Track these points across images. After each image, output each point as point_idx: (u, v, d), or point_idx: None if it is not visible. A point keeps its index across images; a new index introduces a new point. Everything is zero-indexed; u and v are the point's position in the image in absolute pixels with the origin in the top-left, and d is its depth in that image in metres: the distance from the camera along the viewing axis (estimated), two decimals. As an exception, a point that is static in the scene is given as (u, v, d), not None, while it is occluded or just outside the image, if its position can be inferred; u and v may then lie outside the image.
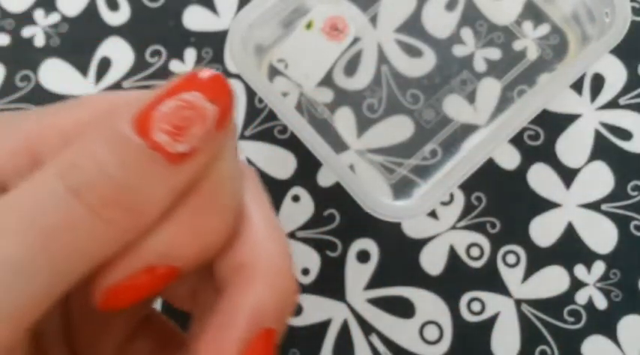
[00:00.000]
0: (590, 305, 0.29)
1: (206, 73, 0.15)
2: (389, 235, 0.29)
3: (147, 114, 0.14)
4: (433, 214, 0.30)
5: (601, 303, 0.29)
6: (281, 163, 0.30)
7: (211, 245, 0.16)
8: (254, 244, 0.16)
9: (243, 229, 0.16)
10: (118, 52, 0.31)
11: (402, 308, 0.29)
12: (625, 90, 0.31)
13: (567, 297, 0.29)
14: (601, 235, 0.29)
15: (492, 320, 0.29)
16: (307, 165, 0.30)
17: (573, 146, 0.30)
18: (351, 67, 0.30)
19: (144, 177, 0.14)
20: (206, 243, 0.15)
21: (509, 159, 0.30)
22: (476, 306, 0.29)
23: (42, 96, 0.31)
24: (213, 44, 0.31)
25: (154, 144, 0.14)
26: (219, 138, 0.15)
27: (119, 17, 0.32)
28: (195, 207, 0.15)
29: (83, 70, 0.31)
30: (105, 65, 0.31)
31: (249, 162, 0.30)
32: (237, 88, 0.31)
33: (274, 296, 0.16)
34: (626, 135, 0.30)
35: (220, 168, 0.15)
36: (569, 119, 0.31)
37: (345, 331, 0.29)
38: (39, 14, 0.32)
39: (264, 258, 0.16)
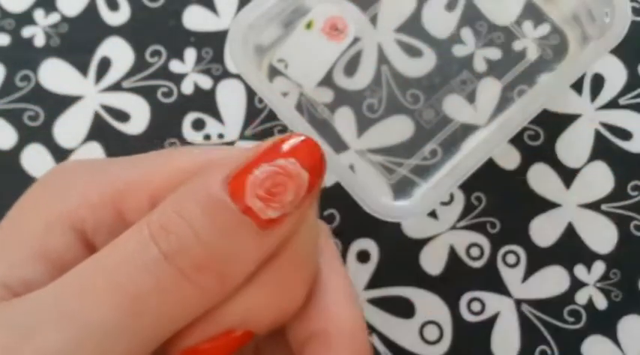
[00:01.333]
0: (590, 305, 0.29)
1: (299, 138, 0.15)
2: (389, 235, 0.29)
3: (242, 178, 0.14)
4: (433, 214, 0.30)
5: (601, 303, 0.29)
6: (281, 163, 0.30)
7: (289, 311, 0.16)
8: (329, 311, 0.16)
9: (318, 293, 0.16)
10: (118, 52, 0.31)
11: (402, 308, 0.29)
12: (625, 90, 0.31)
13: (567, 297, 0.29)
14: (601, 235, 0.29)
15: (492, 320, 0.29)
16: (307, 165, 0.30)
17: (573, 146, 0.30)
18: (351, 67, 0.30)
19: (235, 243, 0.14)
20: (285, 309, 0.15)
21: (509, 159, 0.30)
22: (476, 306, 0.29)
23: (42, 96, 0.31)
24: (213, 44, 0.31)
25: (246, 210, 0.14)
26: (307, 204, 0.15)
27: (119, 17, 0.32)
28: (278, 273, 0.15)
29: (83, 70, 0.31)
30: (105, 65, 0.31)
31: (249, 162, 0.30)
32: (237, 88, 0.31)
33: None
34: (626, 135, 0.30)
35: (304, 233, 0.15)
36: (569, 119, 0.31)
37: (345, 331, 0.29)
38: (39, 14, 0.32)
39: (341, 327, 0.16)
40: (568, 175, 0.30)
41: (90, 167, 0.17)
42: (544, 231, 0.29)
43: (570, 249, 0.29)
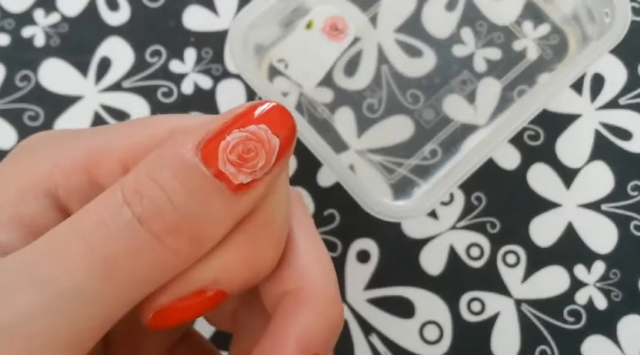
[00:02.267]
0: (590, 305, 0.29)
1: (270, 104, 0.15)
2: (389, 235, 0.29)
3: (214, 144, 0.14)
4: (433, 214, 0.30)
5: (601, 303, 0.29)
6: (281, 163, 0.30)
7: (260, 272, 0.16)
8: (301, 270, 0.16)
9: (289, 254, 0.17)
10: (118, 52, 0.31)
11: (402, 308, 0.29)
12: (625, 91, 0.31)
13: (567, 297, 0.29)
14: (601, 235, 0.29)
15: (492, 320, 0.29)
16: (307, 165, 0.30)
17: (573, 146, 0.30)
18: (351, 67, 0.30)
19: (208, 207, 0.14)
20: (256, 270, 0.16)
21: (509, 159, 0.30)
22: (476, 306, 0.29)
23: (42, 96, 0.31)
24: (213, 44, 0.31)
25: (219, 174, 0.14)
26: (278, 169, 0.15)
27: (119, 17, 0.32)
28: (249, 235, 0.15)
29: (83, 70, 0.31)
30: (105, 65, 0.31)
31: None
32: (237, 88, 0.31)
33: (321, 323, 0.16)
34: (626, 135, 0.31)
35: (274, 197, 0.16)
36: (569, 119, 0.31)
37: (345, 331, 0.29)
38: (39, 14, 0.32)
39: (311, 285, 0.16)
40: (568, 175, 0.30)
41: (62, 135, 0.17)
42: (544, 231, 0.29)
43: (570, 249, 0.29)
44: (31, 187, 0.16)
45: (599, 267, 0.29)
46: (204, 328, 0.27)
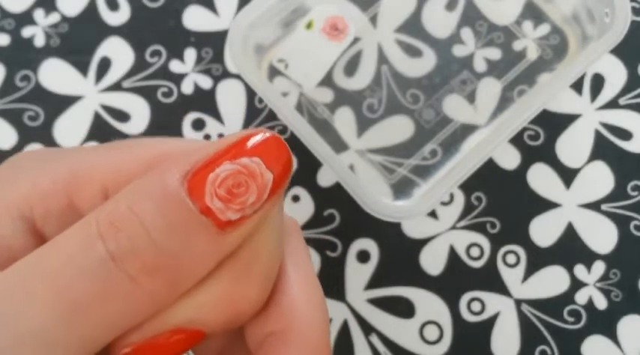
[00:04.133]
0: (590, 305, 0.29)
1: (265, 135, 0.14)
2: (389, 235, 0.29)
3: (202, 176, 0.13)
4: (433, 214, 0.30)
5: (601, 303, 0.29)
6: (281, 163, 0.30)
7: (243, 312, 0.15)
8: (289, 311, 0.15)
9: (278, 292, 0.15)
10: (118, 52, 0.31)
11: (402, 308, 0.29)
12: (625, 91, 0.31)
13: (567, 297, 0.29)
14: (601, 235, 0.29)
15: (492, 320, 0.29)
16: (307, 165, 0.30)
17: (573, 146, 0.30)
18: (351, 67, 0.30)
19: (191, 245, 0.13)
20: (238, 310, 0.14)
21: (509, 159, 0.30)
22: (476, 306, 0.29)
23: (42, 96, 0.31)
24: (213, 44, 0.31)
25: (206, 210, 0.13)
26: (269, 206, 0.14)
27: (119, 17, 0.32)
28: (231, 273, 0.14)
29: (83, 70, 0.31)
30: (105, 65, 0.31)
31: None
32: (237, 88, 0.31)
33: None
34: (626, 135, 0.30)
35: (264, 233, 0.14)
36: (569, 119, 0.31)
37: (345, 331, 0.29)
38: (39, 14, 0.32)
39: (298, 327, 0.15)
40: (568, 175, 0.30)
41: (44, 155, 0.16)
42: (544, 231, 0.29)
43: (570, 249, 0.29)
44: (6, 209, 0.15)
45: (599, 267, 0.29)
46: None
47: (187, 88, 0.31)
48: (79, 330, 0.13)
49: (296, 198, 0.30)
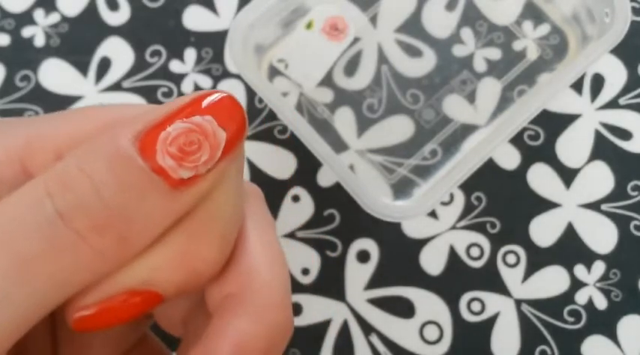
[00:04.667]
0: (590, 305, 0.29)
1: (220, 95, 0.14)
2: (389, 235, 0.29)
3: (153, 135, 0.13)
4: (433, 214, 0.30)
5: (601, 303, 0.29)
6: (281, 163, 0.30)
7: (201, 273, 0.14)
8: (247, 272, 0.15)
9: (239, 255, 0.15)
10: (118, 52, 0.31)
11: (402, 308, 0.29)
12: (625, 91, 0.31)
13: (567, 297, 0.29)
14: (601, 235, 0.29)
15: (492, 320, 0.29)
16: (307, 165, 0.30)
17: (573, 146, 0.30)
18: (351, 67, 0.30)
19: (142, 203, 0.13)
20: (195, 271, 0.14)
21: (509, 159, 0.30)
22: (476, 306, 0.29)
23: (42, 96, 0.31)
24: (213, 44, 0.31)
25: (157, 168, 0.13)
26: (224, 165, 0.14)
27: (119, 17, 0.32)
28: (187, 233, 0.14)
29: (83, 70, 0.31)
30: (105, 65, 0.31)
31: (249, 162, 0.30)
32: (237, 88, 0.31)
33: (262, 329, 0.14)
34: (626, 135, 0.31)
35: (220, 193, 0.14)
36: (569, 119, 0.31)
37: (345, 331, 0.29)
38: (39, 14, 0.32)
39: (255, 288, 0.15)
40: (568, 175, 0.30)
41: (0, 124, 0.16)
42: (544, 231, 0.29)
43: (570, 249, 0.29)
44: None
45: (599, 267, 0.29)
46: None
47: (187, 88, 0.31)
48: (27, 287, 0.12)
49: (296, 198, 0.30)
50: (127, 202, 0.13)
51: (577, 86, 0.31)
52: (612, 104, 0.31)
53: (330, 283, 0.29)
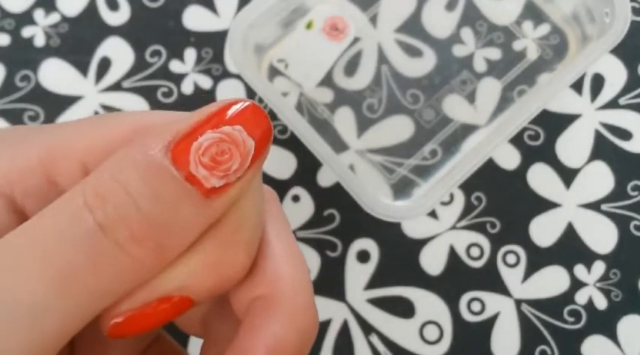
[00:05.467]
0: (590, 305, 0.29)
1: (245, 103, 0.14)
2: (389, 235, 0.29)
3: (185, 144, 0.13)
4: (433, 214, 0.30)
5: (601, 303, 0.29)
6: (281, 163, 0.30)
7: (230, 278, 0.15)
8: (273, 275, 0.15)
9: (261, 258, 0.16)
10: (118, 52, 0.31)
11: (402, 308, 0.29)
12: (625, 91, 0.31)
13: (567, 297, 0.29)
14: (601, 235, 0.29)
15: (492, 320, 0.29)
16: (307, 165, 0.30)
17: (573, 146, 0.30)
18: (351, 67, 0.30)
19: (177, 212, 0.13)
20: (225, 276, 0.15)
21: (509, 159, 0.30)
22: (476, 306, 0.29)
23: (42, 96, 0.31)
24: (213, 44, 0.31)
25: (190, 177, 0.13)
26: (253, 172, 0.14)
27: (119, 17, 0.32)
28: (219, 240, 0.14)
29: (83, 70, 0.31)
30: (105, 65, 0.31)
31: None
32: (237, 88, 0.31)
33: (294, 333, 0.15)
34: (626, 135, 0.31)
35: (246, 200, 0.15)
36: (569, 119, 0.31)
37: (345, 331, 0.29)
38: (39, 14, 0.32)
39: (282, 291, 0.15)
40: (568, 175, 0.30)
41: (21, 132, 0.16)
42: (544, 231, 0.29)
43: (570, 249, 0.29)
44: None
45: (599, 267, 0.29)
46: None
47: (187, 88, 0.31)
48: (69, 300, 0.13)
49: (296, 198, 0.30)
50: (164, 211, 0.13)
51: (577, 86, 0.31)
52: (612, 104, 0.31)
53: (330, 283, 0.29)
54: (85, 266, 0.13)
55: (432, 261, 0.29)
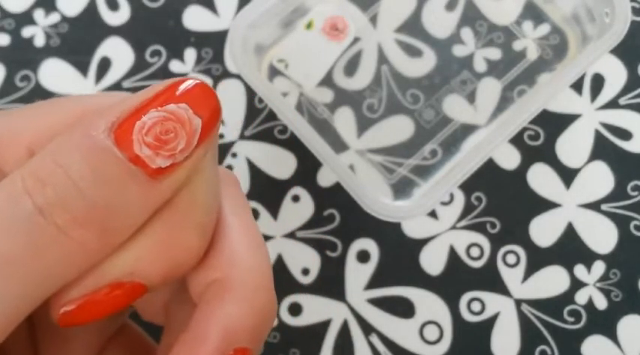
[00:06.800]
0: (590, 305, 0.29)
1: (192, 82, 0.14)
2: (389, 235, 0.29)
3: (129, 124, 0.13)
4: (433, 214, 0.30)
5: (601, 303, 0.29)
6: (281, 163, 0.30)
7: (183, 262, 0.14)
8: (229, 257, 0.15)
9: (219, 241, 0.15)
10: (118, 52, 0.31)
11: (402, 308, 0.29)
12: (625, 90, 0.31)
13: (567, 297, 0.29)
14: (601, 235, 0.29)
15: (492, 320, 0.29)
16: (307, 165, 0.30)
17: (573, 146, 0.30)
18: (351, 67, 0.30)
19: (121, 195, 0.13)
20: (177, 260, 0.14)
21: (509, 159, 0.30)
22: (476, 306, 0.29)
23: (42, 96, 0.31)
24: (213, 44, 0.31)
25: (135, 158, 0.13)
26: (201, 152, 0.14)
27: (119, 17, 0.32)
28: (168, 222, 0.14)
29: (83, 70, 0.31)
30: (105, 65, 0.31)
31: (249, 162, 0.30)
32: (237, 88, 0.31)
33: (249, 314, 0.14)
34: (626, 135, 0.31)
35: (198, 180, 0.14)
36: (569, 119, 0.31)
37: (345, 331, 0.29)
38: (39, 14, 0.32)
39: (240, 273, 0.15)
40: (568, 175, 0.30)
41: None
42: (544, 231, 0.29)
43: (570, 249, 0.29)
44: None
45: (599, 267, 0.29)
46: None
47: (187, 88, 0.31)
48: (11, 286, 0.12)
49: (296, 198, 0.30)
50: (107, 194, 0.13)
51: (577, 86, 0.31)
52: (612, 104, 0.31)
53: (330, 283, 0.29)
54: (27, 251, 0.12)
55: (432, 261, 0.29)
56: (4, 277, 0.12)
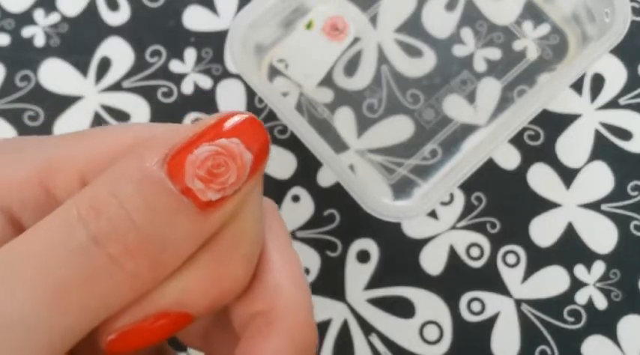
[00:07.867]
0: (590, 305, 0.29)
1: (243, 116, 0.14)
2: (389, 235, 0.29)
3: (181, 157, 0.13)
4: (433, 214, 0.30)
5: (601, 303, 0.29)
6: (281, 163, 0.30)
7: (229, 292, 0.15)
8: (273, 290, 0.15)
9: (261, 272, 0.16)
10: (118, 52, 0.31)
11: (402, 308, 0.29)
12: (625, 90, 0.31)
13: (567, 297, 0.29)
14: (601, 235, 0.29)
15: (492, 320, 0.29)
16: (307, 165, 0.30)
17: (573, 146, 0.30)
18: (351, 67, 0.30)
19: (172, 227, 0.13)
20: (224, 291, 0.14)
21: (509, 159, 0.30)
22: (476, 306, 0.29)
23: (42, 96, 0.31)
24: (213, 44, 0.31)
25: (186, 191, 0.13)
26: (250, 186, 0.14)
27: (119, 17, 0.32)
28: (216, 254, 0.14)
29: (83, 70, 0.31)
30: (105, 65, 0.31)
31: (249, 162, 0.30)
32: (237, 88, 0.31)
33: (293, 350, 0.15)
34: (626, 135, 0.31)
35: (245, 213, 0.14)
36: (569, 119, 0.31)
37: (345, 331, 0.29)
38: (39, 14, 0.32)
39: (283, 306, 0.15)
40: (568, 175, 0.30)
41: (18, 144, 0.16)
42: (544, 231, 0.29)
43: (570, 249, 0.29)
44: None
45: (599, 267, 0.29)
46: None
47: (187, 88, 0.31)
48: (62, 315, 0.13)
49: (296, 198, 0.30)
50: (158, 225, 0.13)
51: (577, 86, 0.31)
52: (612, 104, 0.31)
53: (330, 283, 0.29)
54: (78, 280, 0.13)
55: (432, 261, 0.29)
56: (56, 306, 0.12)
